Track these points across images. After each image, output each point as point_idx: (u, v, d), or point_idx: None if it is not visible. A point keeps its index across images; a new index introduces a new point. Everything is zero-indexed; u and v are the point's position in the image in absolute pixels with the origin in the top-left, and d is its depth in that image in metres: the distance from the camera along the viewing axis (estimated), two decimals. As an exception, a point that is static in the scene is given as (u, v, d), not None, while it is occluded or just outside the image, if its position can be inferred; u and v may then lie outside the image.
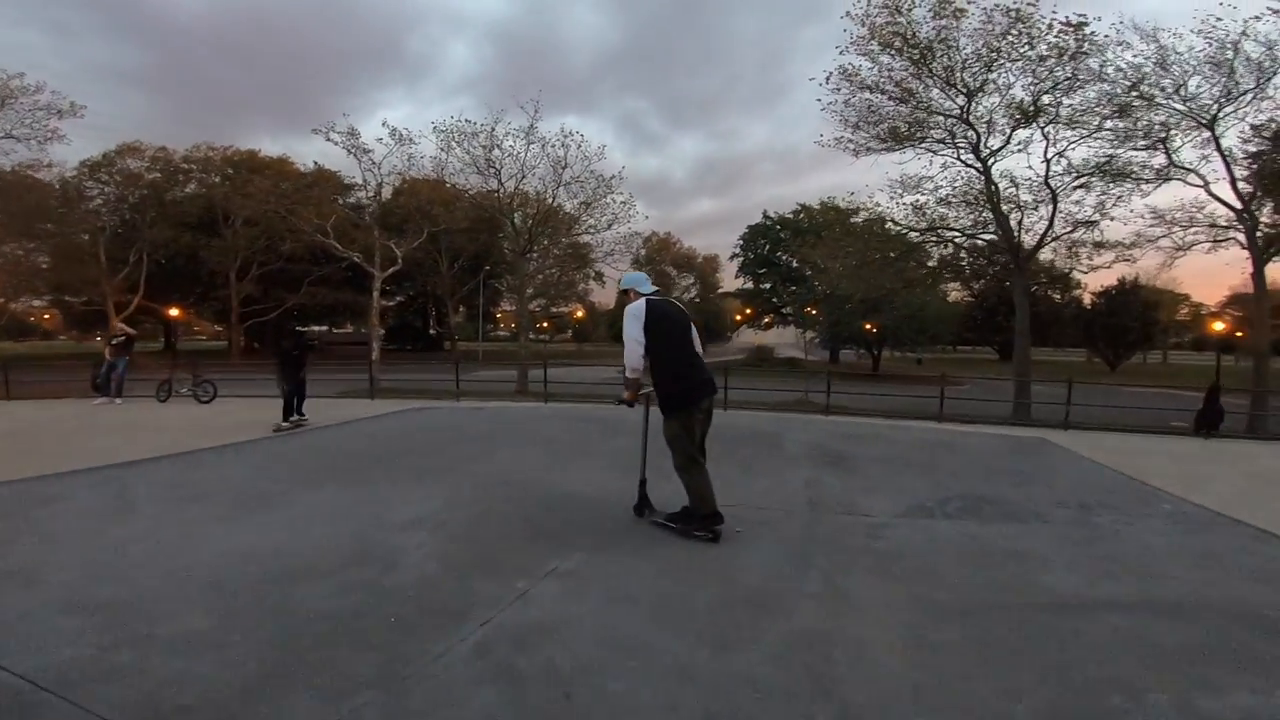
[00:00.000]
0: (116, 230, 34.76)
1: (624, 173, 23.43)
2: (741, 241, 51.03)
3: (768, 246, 49.63)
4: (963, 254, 22.93)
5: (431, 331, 56.88)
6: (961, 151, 18.52)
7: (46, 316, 55.14)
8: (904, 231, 21.15)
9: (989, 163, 18.22)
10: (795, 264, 48.29)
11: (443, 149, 21.59)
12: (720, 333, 40.59)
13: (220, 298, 38.25)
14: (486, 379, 17.53)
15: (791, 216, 48.32)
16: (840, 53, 17.35)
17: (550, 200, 22.87)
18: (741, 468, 6.39)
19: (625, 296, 4.39)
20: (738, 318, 65.15)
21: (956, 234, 20.36)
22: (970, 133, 17.99)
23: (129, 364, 12.62)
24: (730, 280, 65.78)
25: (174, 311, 37.49)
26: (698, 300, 56.07)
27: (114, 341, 12.60)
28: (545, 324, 65.55)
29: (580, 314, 67.09)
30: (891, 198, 20.16)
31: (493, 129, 21.31)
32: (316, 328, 54.29)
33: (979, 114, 17.50)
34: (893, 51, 16.84)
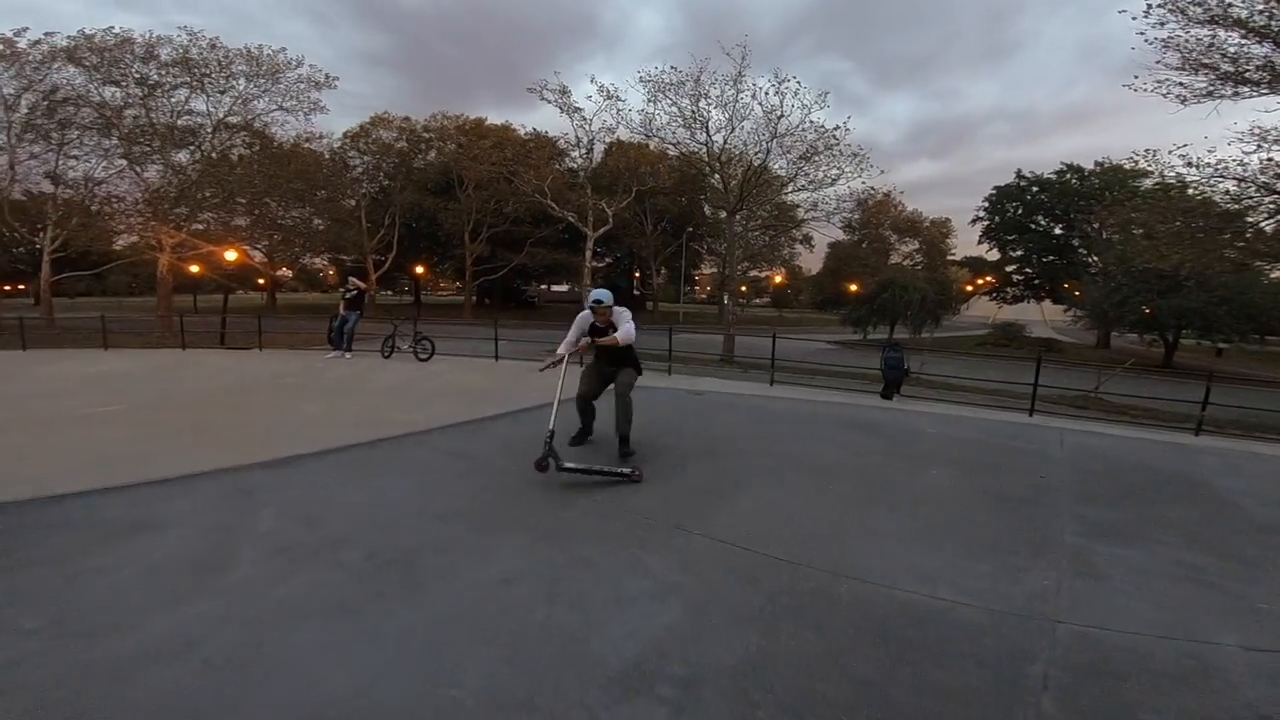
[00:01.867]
0: (374, 195, 39.15)
1: (849, 124, 20.35)
2: (986, 204, 43.90)
3: (1020, 210, 41.78)
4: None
5: (636, 292, 57.56)
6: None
7: (332, 272, 65.12)
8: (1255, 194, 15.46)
9: None
10: (1059, 230, 40.67)
11: (649, 100, 20.28)
12: (946, 305, 34.76)
13: (456, 257, 41.76)
14: (691, 343, 16.08)
15: (1055, 177, 40.23)
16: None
17: (761, 158, 20.57)
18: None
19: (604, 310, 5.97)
20: (968, 288, 57.06)
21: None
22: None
23: (360, 318, 13.02)
24: (968, 247, 57.62)
25: (419, 270, 41.62)
26: (920, 268, 49.49)
27: (346, 295, 13.01)
28: (744, 288, 63.13)
29: (780, 279, 63.70)
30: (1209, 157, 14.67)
31: (698, 77, 19.52)
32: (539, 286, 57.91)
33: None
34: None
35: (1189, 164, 15.06)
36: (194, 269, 29.40)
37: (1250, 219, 15.92)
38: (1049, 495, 4.90)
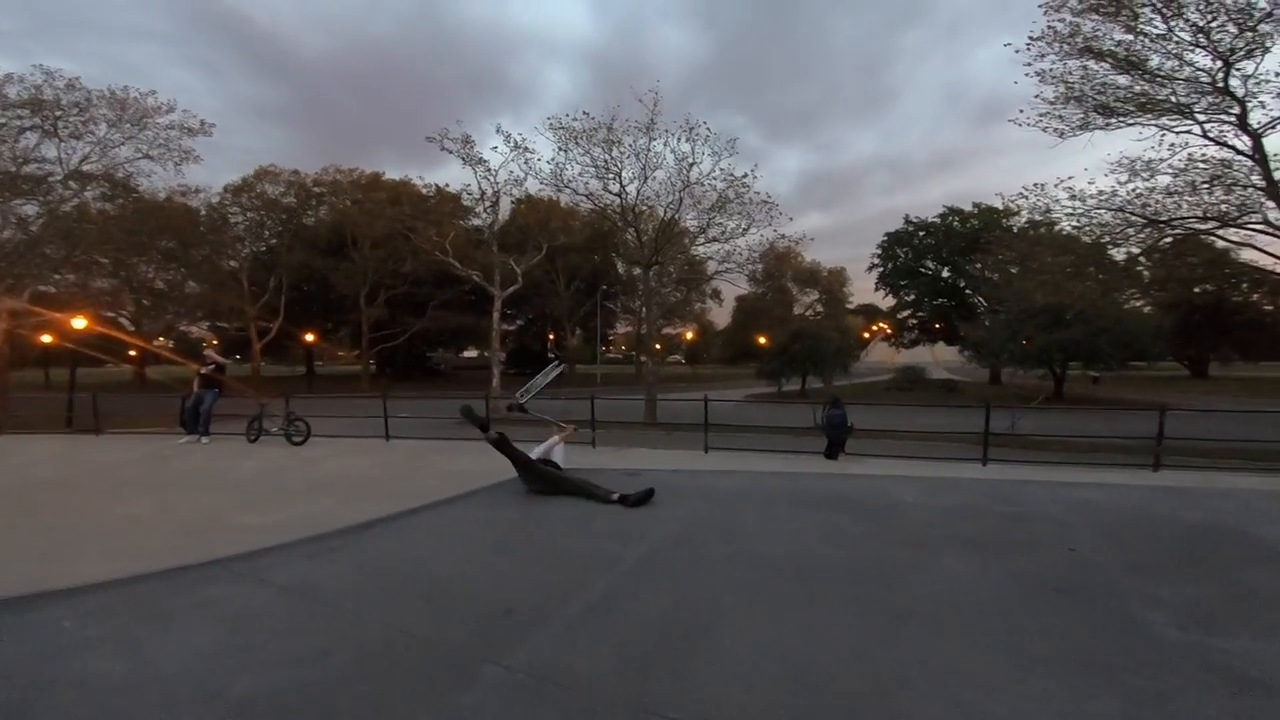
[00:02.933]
0: (258, 256, 36.04)
1: (757, 171, 20.40)
2: (880, 250, 45.60)
3: (910, 255, 43.96)
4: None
5: (551, 355, 55.68)
6: (1211, 125, 13.97)
7: (214, 341, 59.11)
8: (1119, 227, 16.31)
9: (1261, 135, 13.56)
10: (946, 273, 42.93)
11: (560, 149, 19.50)
12: (850, 353, 35.53)
13: (351, 322, 38.89)
14: (611, 408, 14.87)
15: (938, 221, 42.63)
16: (1044, 12, 13.60)
17: (674, 210, 20.16)
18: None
19: None
20: (865, 335, 59.63)
21: (1194, 223, 15.34)
22: (1231, 103, 13.49)
23: (217, 397, 10.86)
24: (863, 294, 60.41)
25: (309, 337, 38.36)
26: (821, 317, 51.13)
27: (202, 371, 10.87)
28: (658, 345, 63.12)
29: (691, 335, 64.15)
30: (1071, 195, 15.57)
31: (610, 124, 19.02)
32: (441, 352, 55.01)
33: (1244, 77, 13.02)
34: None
35: (1073, 196, 15.45)
36: (45, 339, 25.14)
37: (1111, 251, 16.86)
38: (1097, 573, 3.98)
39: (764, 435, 11.53)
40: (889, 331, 53.01)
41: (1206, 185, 14.51)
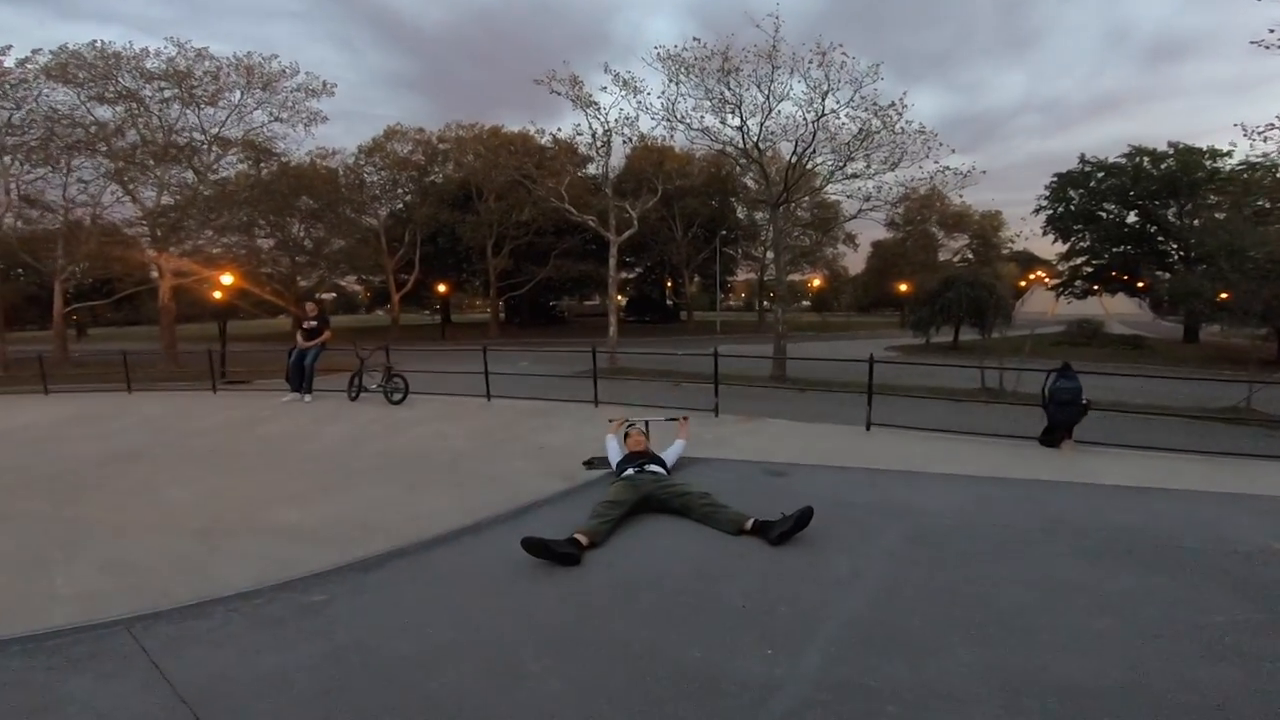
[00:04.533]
0: (393, 212, 36.98)
1: (906, 99, 16.70)
2: (1048, 192, 38.52)
3: (1086, 197, 36.96)
4: None
5: (669, 302, 54.03)
6: None
7: (366, 294, 62.79)
8: None
9: None
10: (1133, 218, 36.04)
11: (671, 81, 17.03)
12: (1009, 301, 30.47)
13: (479, 272, 39.28)
14: (732, 355, 12.85)
15: (1124, 161, 35.03)
16: None
17: (806, 143, 17.10)
18: None
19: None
20: (1020, 284, 52.06)
21: None
22: None
23: (320, 353, 10.08)
24: (1020, 240, 52.87)
25: (442, 287, 39.19)
26: (970, 264, 44.79)
27: (305, 326, 10.10)
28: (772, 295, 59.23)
29: (818, 281, 59.50)
30: None
31: (725, 52, 16.21)
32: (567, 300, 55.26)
33: None
34: None
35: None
36: (216, 295, 27.27)
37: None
38: None
39: (935, 405, 8.93)
40: (1050, 280, 46.04)
41: None
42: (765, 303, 50.43)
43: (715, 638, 2.64)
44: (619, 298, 55.70)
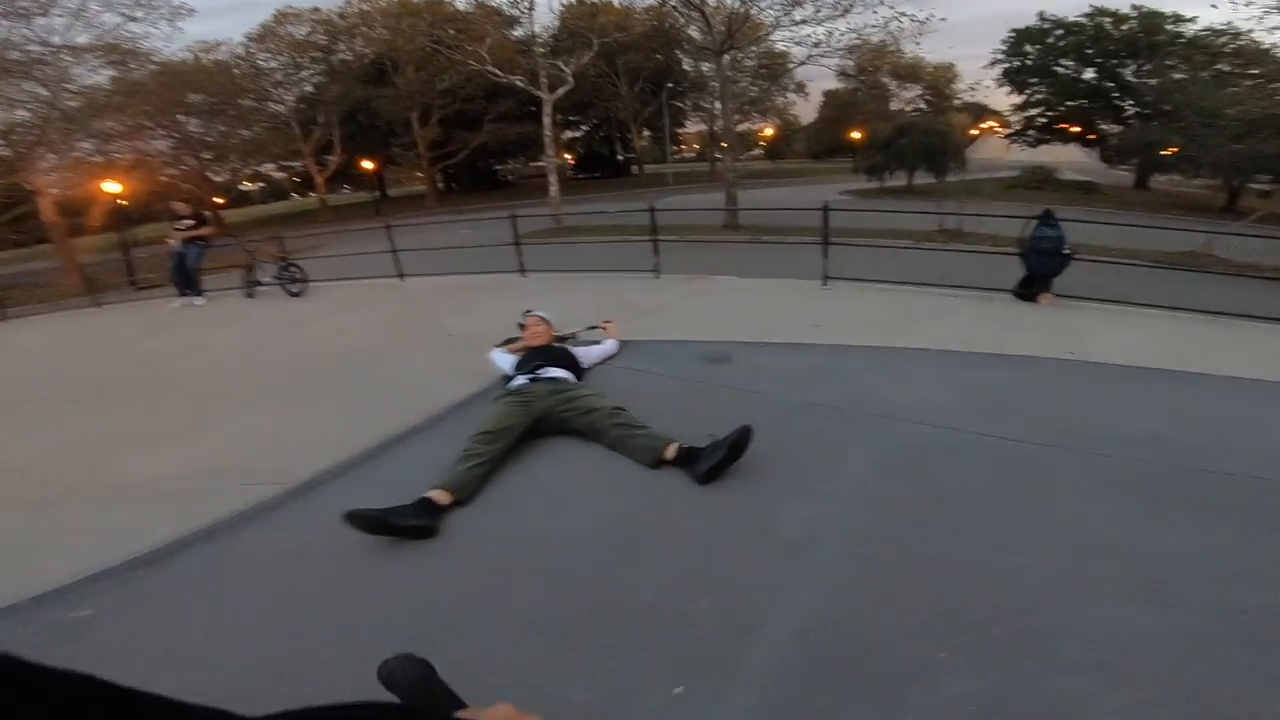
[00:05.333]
0: (303, 97, 33.83)
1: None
2: (1005, 46, 38.74)
3: (1043, 53, 37.73)
4: None
5: (620, 158, 51.32)
6: None
7: (291, 179, 57.69)
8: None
9: None
10: (1089, 75, 36.54)
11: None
12: (962, 147, 29.87)
13: (410, 145, 36.10)
14: (682, 208, 11.81)
15: (1085, 21, 35.39)
16: None
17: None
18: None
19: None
20: (973, 132, 50.81)
21: None
22: None
23: (203, 251, 8.64)
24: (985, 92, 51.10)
25: (369, 164, 36.11)
26: (922, 114, 43.17)
27: (176, 226, 8.64)
28: (725, 145, 56.81)
29: (772, 131, 57.14)
30: None
31: None
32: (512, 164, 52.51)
33: None
34: None
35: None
36: (123, 202, 24.97)
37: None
38: None
39: (895, 254, 7.93)
40: (1001, 130, 45.74)
41: None
42: (717, 154, 48.44)
43: (607, 669, 1.80)
44: (566, 156, 53.10)
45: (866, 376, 3.82)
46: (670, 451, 2.83)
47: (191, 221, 8.61)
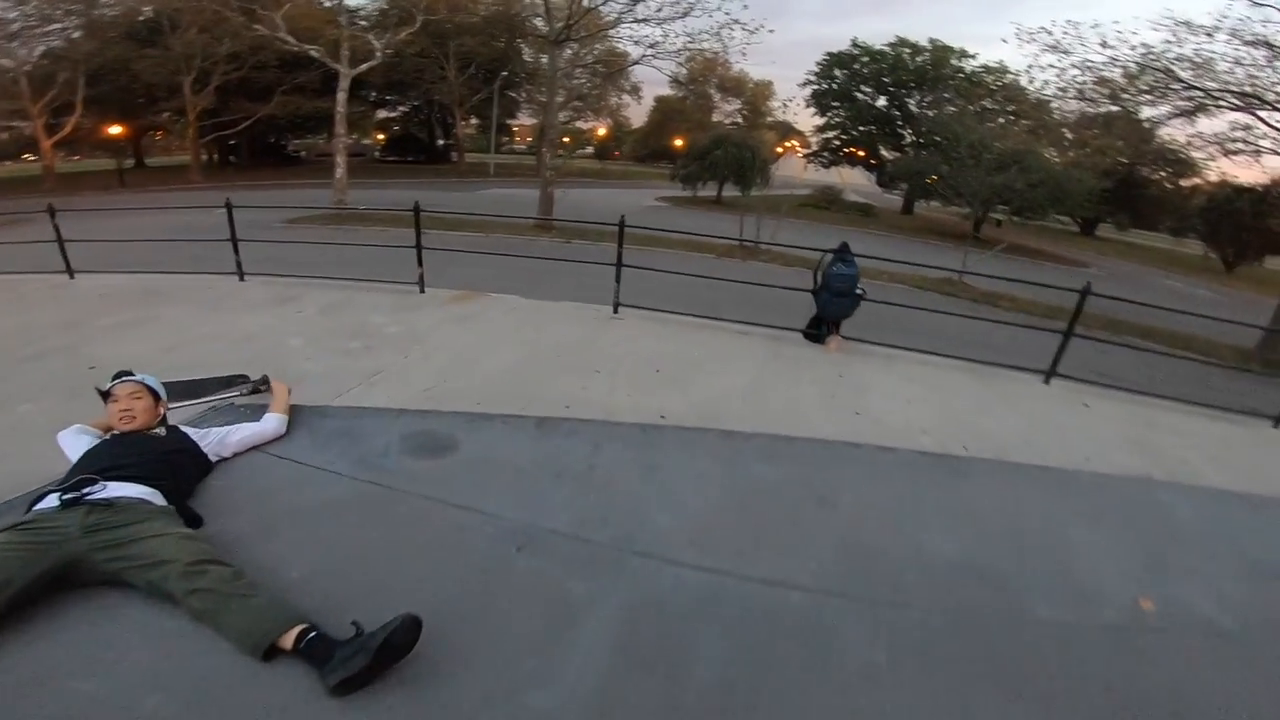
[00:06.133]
0: (51, 50, 27.35)
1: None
2: (818, 69, 40.94)
3: (849, 78, 40.24)
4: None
5: (440, 143, 47.73)
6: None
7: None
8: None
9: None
10: (881, 102, 39.79)
11: None
12: (768, 164, 31.89)
13: (174, 111, 30.28)
14: (496, 199, 10.66)
15: (888, 50, 38.14)
16: None
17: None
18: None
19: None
20: (779, 149, 55.11)
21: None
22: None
23: None
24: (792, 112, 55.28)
25: (116, 129, 29.81)
26: (739, 127, 45.76)
27: None
28: (567, 139, 55.92)
29: (603, 131, 57.34)
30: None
31: None
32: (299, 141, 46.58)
33: None
34: None
35: (1103, 44, 13.31)
36: None
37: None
38: None
39: (692, 265, 7.30)
40: (801, 150, 49.89)
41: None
42: (544, 148, 47.38)
43: None
44: (379, 136, 48.41)
45: (626, 477, 2.97)
46: (289, 639, 1.77)
47: None
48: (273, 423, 2.94)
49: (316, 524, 2.36)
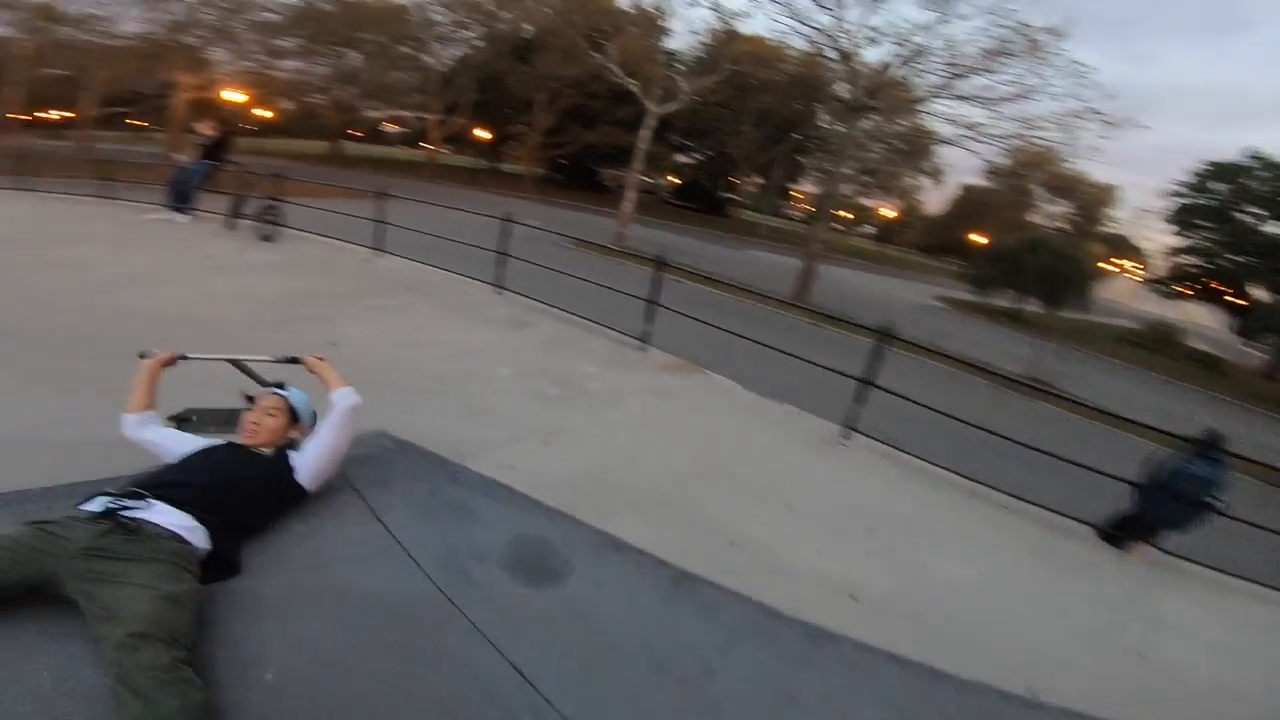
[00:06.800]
0: (463, 57, 34.31)
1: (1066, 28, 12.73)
2: (1195, 178, 32.72)
3: (1232, 194, 31.58)
4: None
5: (721, 196, 49.28)
6: None
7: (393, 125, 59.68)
8: None
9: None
10: (1271, 230, 30.02)
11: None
12: (1091, 283, 26.06)
13: (524, 124, 36.18)
14: (758, 262, 10.16)
15: None
16: None
17: (906, 52, 13.32)
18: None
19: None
20: (1106, 267, 46.00)
21: None
22: None
23: (208, 172, 7.94)
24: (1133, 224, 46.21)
25: (485, 134, 36.64)
26: (1062, 234, 39.19)
27: (199, 142, 8.15)
28: (846, 214, 53.67)
29: (891, 212, 53.78)
30: None
31: None
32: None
33: None
34: None
35: None
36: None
37: None
38: None
39: (965, 382, 5.87)
40: (1137, 273, 40.35)
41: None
42: (819, 218, 46.37)
43: None
44: (673, 178, 51.69)
45: (750, 703, 1.94)
46: None
47: (210, 143, 8.02)
48: (348, 399, 2.39)
49: (339, 617, 1.83)
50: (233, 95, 22.00)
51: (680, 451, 3.67)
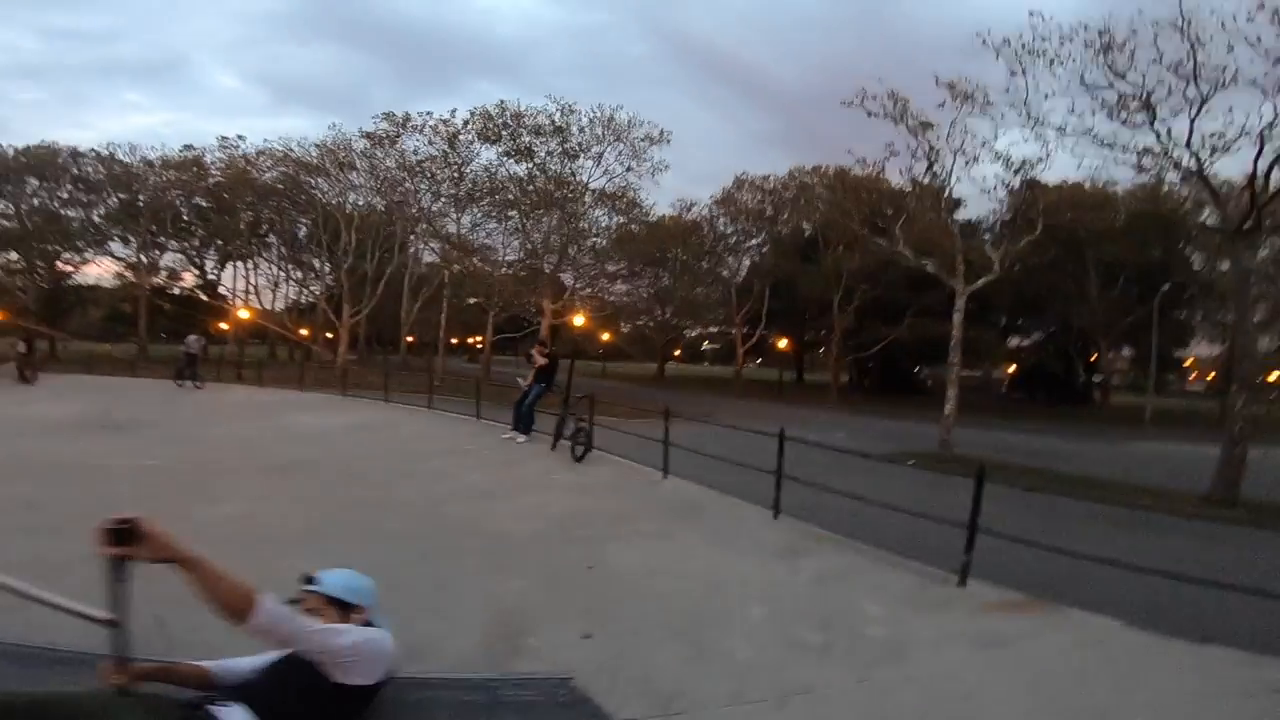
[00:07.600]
0: (753, 264, 36.88)
1: None
2: None
3: None
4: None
5: (1080, 379, 39.10)
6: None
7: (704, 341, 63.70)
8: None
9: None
10: None
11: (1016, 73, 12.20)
12: None
13: (822, 328, 36.36)
14: (1147, 456, 7.67)
15: None
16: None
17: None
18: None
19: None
20: None
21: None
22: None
23: (542, 392, 9.36)
24: None
25: (783, 343, 37.57)
26: None
27: (533, 363, 9.59)
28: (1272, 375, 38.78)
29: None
30: None
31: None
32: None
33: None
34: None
35: None
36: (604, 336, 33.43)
37: None
38: None
39: None
40: None
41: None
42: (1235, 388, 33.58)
43: None
44: (1009, 368, 44.19)
45: None
46: None
47: (544, 361, 9.35)
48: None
49: None
50: (578, 319, 27.27)
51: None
